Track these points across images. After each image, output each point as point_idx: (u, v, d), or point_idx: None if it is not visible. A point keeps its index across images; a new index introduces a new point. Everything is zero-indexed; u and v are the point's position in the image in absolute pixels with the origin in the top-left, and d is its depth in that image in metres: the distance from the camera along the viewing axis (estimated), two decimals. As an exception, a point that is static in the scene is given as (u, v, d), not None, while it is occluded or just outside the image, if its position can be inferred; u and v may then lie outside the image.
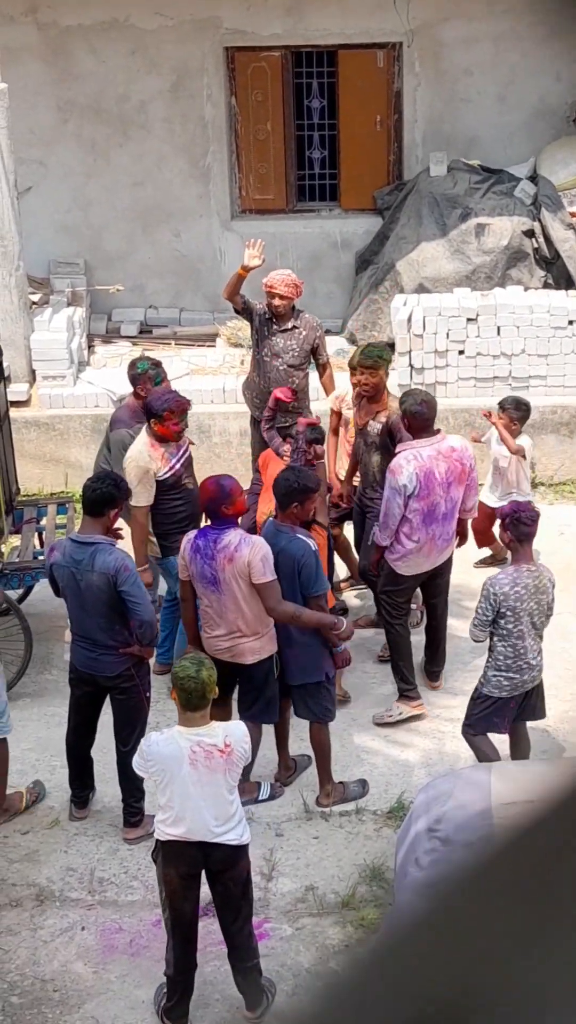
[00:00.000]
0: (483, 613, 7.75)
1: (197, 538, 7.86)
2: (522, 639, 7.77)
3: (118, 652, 7.77)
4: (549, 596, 7.82)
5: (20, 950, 7.33)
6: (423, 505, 8.70)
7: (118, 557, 7.65)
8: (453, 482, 8.77)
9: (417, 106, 14.53)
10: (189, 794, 6.37)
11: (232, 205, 14.84)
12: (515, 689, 7.90)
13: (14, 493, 10.51)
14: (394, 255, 13.98)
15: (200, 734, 6.38)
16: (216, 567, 7.73)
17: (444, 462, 8.73)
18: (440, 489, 8.72)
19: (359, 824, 8.21)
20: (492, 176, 14.17)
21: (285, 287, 10.43)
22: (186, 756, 6.35)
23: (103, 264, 14.66)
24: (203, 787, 6.36)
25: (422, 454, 8.70)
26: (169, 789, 6.41)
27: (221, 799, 6.41)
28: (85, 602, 7.70)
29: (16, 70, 13.39)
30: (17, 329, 12.64)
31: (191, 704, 6.37)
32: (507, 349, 12.52)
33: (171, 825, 6.45)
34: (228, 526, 7.78)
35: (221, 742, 6.39)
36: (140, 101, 14.47)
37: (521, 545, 7.76)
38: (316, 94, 14.72)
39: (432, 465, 8.69)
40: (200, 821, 6.39)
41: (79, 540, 7.73)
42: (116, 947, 7.35)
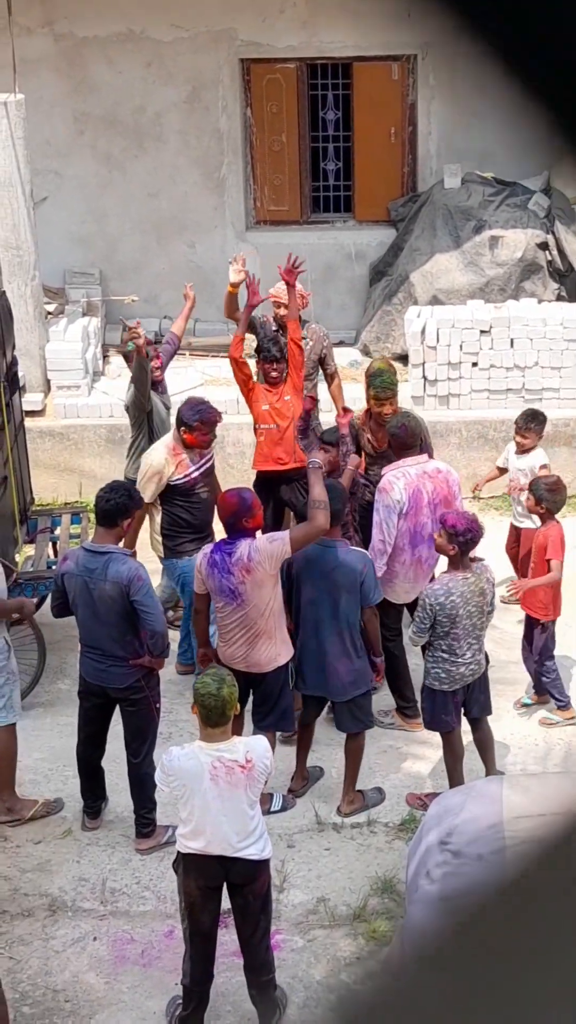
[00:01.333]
0: (421, 621, 8.02)
1: (213, 552, 7.86)
2: (457, 640, 8.00)
3: (128, 664, 7.78)
4: (488, 596, 8.07)
5: (32, 960, 7.34)
6: (410, 525, 8.67)
7: (131, 567, 7.66)
8: (439, 503, 8.72)
9: (432, 118, 14.56)
10: (210, 809, 6.36)
11: (247, 216, 14.88)
12: (454, 682, 8.09)
13: (28, 503, 10.54)
14: (408, 267, 14.00)
15: (221, 750, 6.37)
16: (235, 580, 7.75)
17: (430, 482, 8.73)
18: (427, 509, 8.70)
19: (371, 836, 8.22)
20: (506, 188, 14.19)
21: (301, 297, 10.45)
22: (207, 771, 6.34)
23: (118, 275, 14.70)
24: (224, 802, 6.35)
25: (410, 472, 8.71)
26: (190, 804, 6.40)
27: (242, 814, 6.40)
28: (97, 612, 7.70)
29: (33, 81, 13.44)
30: (32, 339, 12.68)
31: (211, 720, 6.35)
32: (520, 361, 12.53)
33: (192, 838, 6.44)
34: (240, 538, 7.80)
35: (242, 758, 6.37)
36: (155, 113, 14.52)
37: (463, 555, 7.95)
38: (331, 106, 14.76)
39: (419, 484, 8.69)
40: (220, 835, 6.39)
41: (93, 549, 7.74)
42: (128, 958, 7.36)
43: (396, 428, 8.83)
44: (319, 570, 8.00)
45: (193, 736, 8.45)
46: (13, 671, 8.34)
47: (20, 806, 8.38)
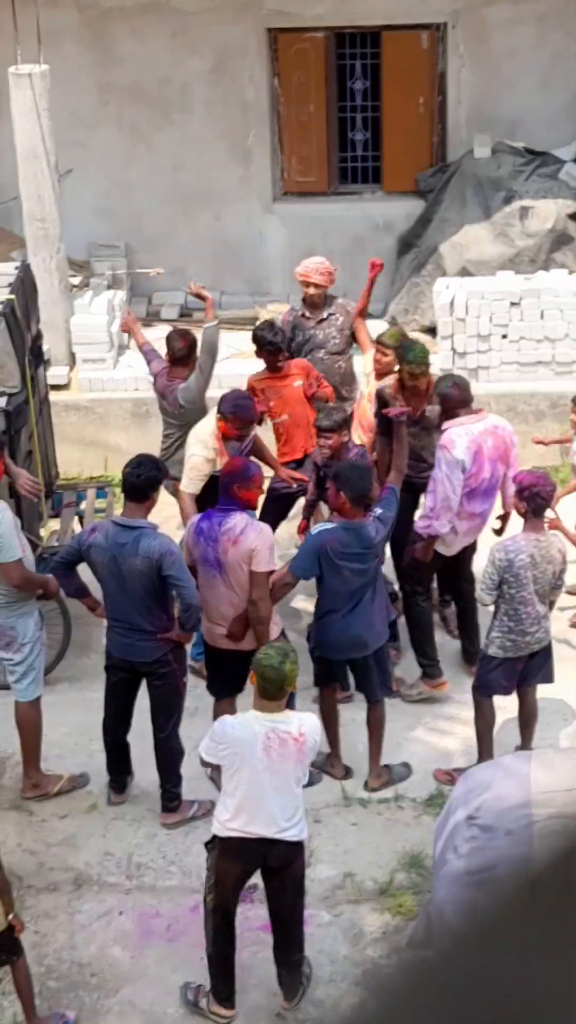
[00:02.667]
0: (489, 578, 7.93)
1: (201, 521, 7.83)
2: (524, 605, 7.91)
3: (156, 638, 7.74)
4: (557, 566, 7.97)
5: (58, 934, 7.34)
6: (471, 482, 8.63)
7: (163, 542, 7.62)
8: (498, 459, 8.74)
9: (461, 87, 14.41)
10: (259, 782, 6.31)
11: (274, 187, 14.77)
12: (518, 650, 8.03)
13: (53, 477, 10.51)
14: (437, 238, 13.88)
15: (276, 720, 6.34)
16: (219, 549, 7.69)
17: (491, 438, 8.71)
18: (488, 465, 8.70)
19: (398, 811, 8.17)
20: (537, 158, 14.04)
21: (319, 275, 10.36)
22: (260, 741, 6.30)
23: (144, 247, 14.62)
24: (273, 775, 6.31)
25: (472, 428, 8.65)
26: (238, 776, 6.34)
27: (289, 791, 6.37)
28: (125, 586, 7.65)
29: (57, 52, 13.35)
30: (57, 312, 12.62)
31: (268, 693, 6.32)
32: (550, 333, 12.41)
33: (233, 817, 6.37)
34: (234, 509, 7.74)
35: (296, 731, 6.34)
36: (181, 83, 14.41)
37: (534, 516, 7.90)
38: (359, 75, 14.62)
39: (481, 440, 8.66)
40: (266, 812, 6.34)
41: (123, 524, 7.67)
42: (153, 932, 7.35)
43: (448, 388, 8.75)
44: (355, 552, 7.92)
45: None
46: (44, 644, 8.34)
47: (46, 781, 8.37)
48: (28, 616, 8.12)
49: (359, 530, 7.92)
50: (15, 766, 8.54)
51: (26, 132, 12.27)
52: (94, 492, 10.60)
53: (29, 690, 8.22)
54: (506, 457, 8.79)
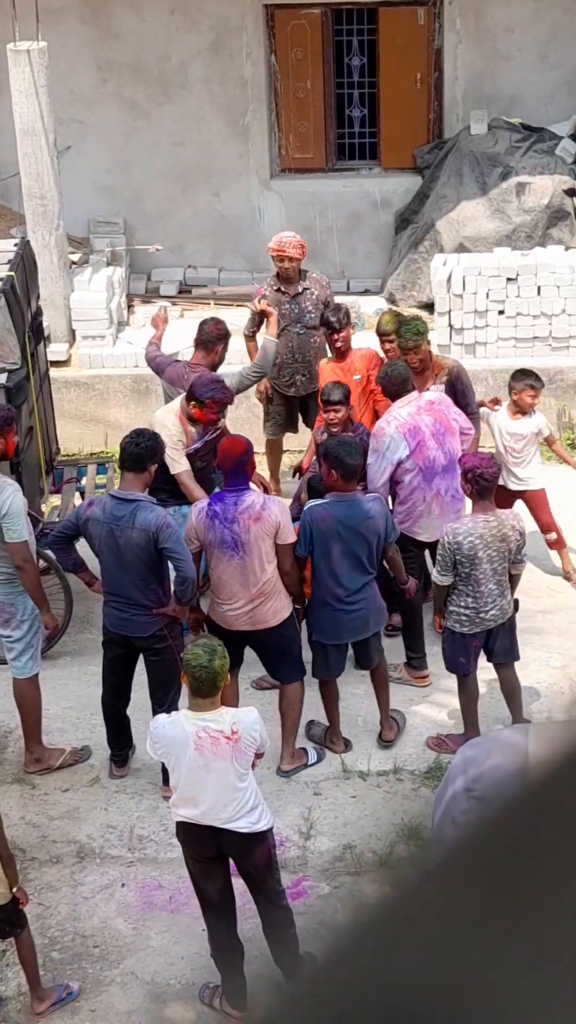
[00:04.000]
0: (442, 559, 8.06)
1: (212, 504, 7.83)
2: (479, 584, 8.02)
3: (152, 612, 7.79)
4: (512, 543, 8.05)
5: (61, 906, 7.41)
6: (418, 461, 8.69)
7: (159, 514, 7.67)
8: (445, 433, 8.79)
9: (458, 63, 14.41)
10: (196, 779, 6.28)
11: (271, 164, 14.78)
12: (474, 626, 8.13)
13: (54, 453, 10.55)
14: (434, 214, 13.90)
15: (206, 719, 6.26)
16: (239, 529, 7.72)
17: (428, 415, 8.76)
18: (432, 442, 8.73)
19: (397, 784, 8.25)
20: (533, 134, 14.06)
21: (293, 249, 10.45)
22: (191, 740, 6.25)
23: (142, 224, 14.64)
24: (210, 773, 6.25)
25: (401, 413, 8.73)
26: (176, 772, 6.35)
27: (229, 786, 6.29)
28: (123, 559, 7.70)
29: (56, 29, 13.35)
30: (57, 289, 12.66)
31: (201, 691, 6.26)
32: (547, 309, 12.45)
33: (181, 806, 6.39)
34: (244, 488, 7.79)
35: (228, 728, 6.26)
36: (180, 60, 14.41)
37: (480, 497, 7.99)
38: (356, 52, 14.62)
39: (414, 420, 8.71)
40: (207, 805, 6.30)
41: (120, 497, 7.73)
42: (155, 904, 7.42)
43: (381, 378, 8.97)
44: (350, 524, 7.97)
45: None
46: (40, 622, 8.39)
47: (48, 755, 8.44)
48: (27, 594, 8.18)
49: (352, 503, 7.97)
50: (17, 740, 8.61)
51: (25, 109, 12.28)
52: (94, 468, 10.64)
53: (27, 667, 8.28)
54: (452, 430, 8.83)
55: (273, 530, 7.76)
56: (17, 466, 8.96)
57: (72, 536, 7.96)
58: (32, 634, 8.24)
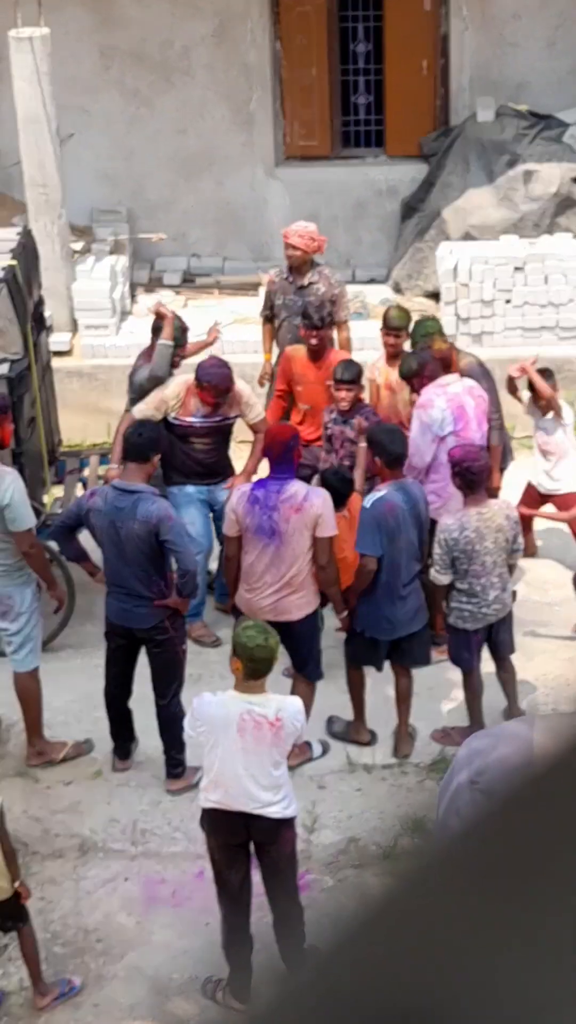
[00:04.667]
0: (440, 558, 7.97)
1: (254, 489, 7.81)
2: (478, 577, 7.97)
3: (153, 604, 7.74)
4: (507, 532, 8.02)
5: (63, 900, 7.38)
6: (462, 441, 8.61)
7: (161, 506, 7.63)
8: (482, 418, 8.82)
9: (464, 50, 14.32)
10: (234, 761, 6.29)
11: (276, 152, 14.70)
12: (476, 621, 8.08)
13: (56, 443, 10.50)
14: (440, 202, 13.82)
15: (253, 703, 6.30)
16: (279, 518, 7.66)
17: (471, 398, 8.73)
18: (475, 423, 8.76)
19: (401, 776, 8.20)
20: (540, 122, 13.97)
21: (298, 238, 10.34)
22: (235, 722, 6.27)
23: (146, 212, 14.56)
24: (248, 755, 6.28)
25: (450, 390, 8.68)
26: (214, 752, 6.35)
27: (265, 771, 6.34)
28: (124, 551, 7.67)
29: (58, 16, 13.26)
30: (59, 278, 12.58)
31: (258, 672, 6.29)
32: (555, 298, 12.37)
33: (211, 790, 6.38)
34: (288, 477, 7.74)
35: (272, 715, 6.30)
36: (183, 47, 14.33)
37: (472, 490, 7.94)
38: (362, 38, 14.53)
39: (463, 400, 8.68)
40: (240, 788, 6.31)
41: (122, 488, 7.69)
42: (158, 898, 7.39)
43: (423, 358, 8.87)
44: (409, 511, 7.94)
45: (223, 677, 8.45)
46: (41, 615, 8.35)
47: (50, 748, 8.40)
48: (26, 586, 8.13)
49: (406, 489, 7.99)
50: (19, 733, 8.56)
51: (27, 96, 12.21)
52: (97, 459, 10.58)
53: (27, 660, 8.23)
54: (484, 418, 8.88)
55: (312, 522, 7.69)
56: (19, 457, 8.92)
57: (74, 526, 7.94)
58: (31, 627, 8.19)
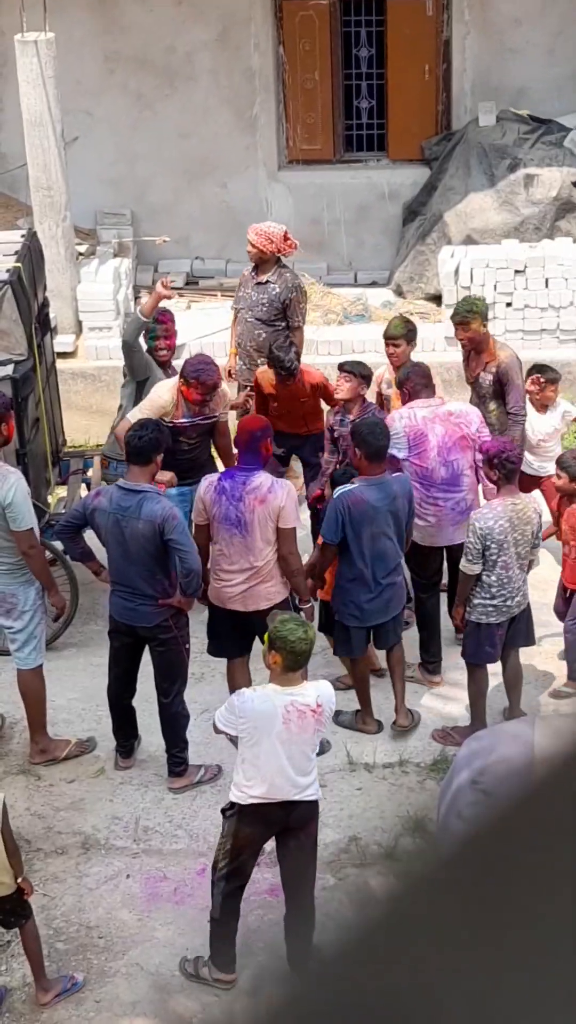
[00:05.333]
0: (472, 547, 8.03)
1: (222, 480, 7.91)
2: (507, 569, 8.04)
3: (157, 603, 7.79)
4: (533, 526, 8.12)
5: (66, 897, 7.41)
6: (416, 468, 8.66)
7: (165, 506, 7.68)
8: (453, 447, 8.70)
9: (466, 55, 14.39)
10: (277, 753, 6.38)
11: (279, 155, 14.76)
12: (500, 615, 8.14)
13: (60, 444, 10.54)
14: (442, 206, 13.88)
15: (294, 694, 6.40)
16: (244, 508, 7.78)
17: (441, 425, 8.69)
18: (434, 453, 8.67)
19: (402, 776, 8.24)
20: (541, 126, 14.03)
21: (255, 235, 10.48)
22: (280, 715, 6.36)
23: (149, 215, 14.63)
24: (290, 746, 6.39)
25: (416, 414, 8.71)
26: (257, 747, 6.40)
27: (304, 757, 6.46)
28: (128, 550, 7.72)
29: (63, 20, 13.33)
30: (64, 280, 12.64)
31: (298, 664, 6.40)
32: (555, 301, 12.43)
33: (254, 786, 6.43)
34: (256, 468, 7.85)
35: (314, 702, 6.41)
36: (187, 52, 14.39)
37: (506, 481, 8.03)
38: (364, 43, 14.59)
39: (426, 427, 8.66)
40: (284, 778, 6.41)
41: (127, 487, 7.74)
42: (160, 895, 7.42)
43: (406, 372, 8.93)
44: (382, 507, 8.05)
45: (224, 675, 8.51)
46: (45, 613, 8.39)
47: (53, 746, 8.43)
48: (30, 584, 8.17)
49: (380, 485, 8.05)
50: (23, 731, 8.60)
51: (32, 100, 12.27)
52: (100, 459, 10.62)
53: (30, 658, 8.27)
54: (464, 446, 8.70)
55: (276, 514, 7.80)
56: (23, 457, 8.96)
57: (79, 526, 7.99)
58: (35, 625, 8.23)
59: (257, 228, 10.56)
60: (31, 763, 8.41)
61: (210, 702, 8.33)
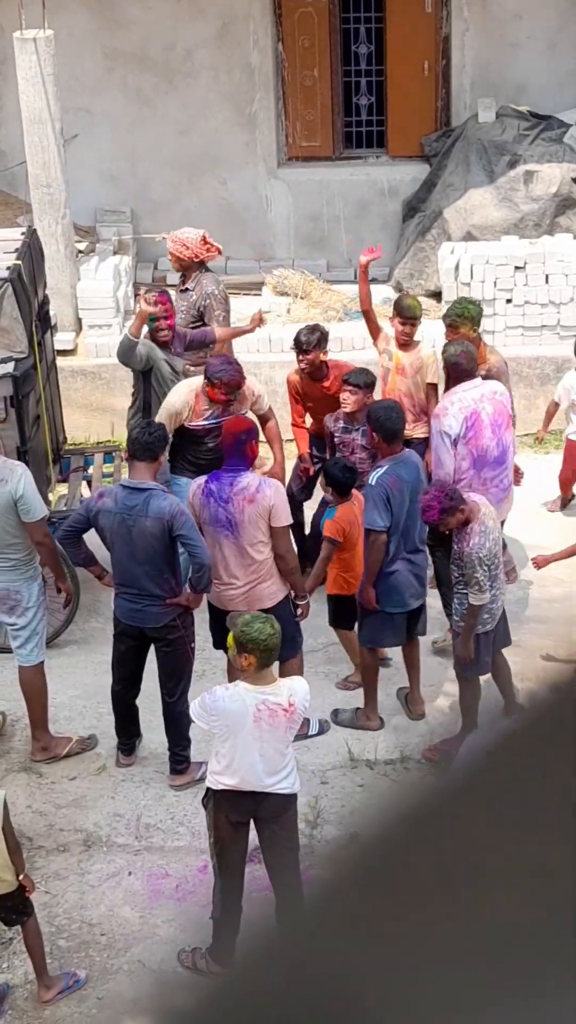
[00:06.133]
0: (482, 579, 7.74)
1: (209, 482, 7.86)
2: (496, 578, 7.96)
3: (165, 603, 7.78)
4: (499, 524, 8.15)
5: (68, 894, 7.42)
6: (471, 448, 8.65)
7: (173, 502, 7.66)
8: (502, 424, 8.77)
9: (465, 51, 14.38)
10: (248, 750, 6.39)
11: (279, 152, 14.76)
12: (492, 619, 8.06)
13: (61, 442, 10.55)
14: (441, 202, 13.88)
15: (266, 692, 6.39)
16: (233, 510, 7.75)
17: (490, 404, 8.72)
18: (489, 432, 8.70)
19: (404, 772, 8.24)
20: (541, 122, 14.03)
21: (170, 243, 10.40)
22: (251, 714, 6.36)
23: (149, 212, 14.62)
24: (263, 744, 6.39)
25: (466, 396, 8.68)
26: (229, 743, 6.41)
27: (277, 754, 6.46)
28: (135, 549, 7.68)
29: (62, 17, 13.32)
30: (63, 278, 12.64)
31: (270, 661, 6.40)
32: (555, 297, 12.43)
33: (225, 775, 6.47)
34: (242, 469, 7.82)
35: (285, 701, 6.41)
36: (186, 49, 14.39)
37: (468, 511, 7.78)
38: (363, 39, 14.59)
39: (478, 407, 8.67)
40: (253, 774, 6.43)
41: (132, 486, 7.71)
42: (162, 892, 7.42)
43: (456, 356, 8.78)
44: (412, 483, 8.14)
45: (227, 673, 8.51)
46: (47, 609, 8.40)
47: (55, 744, 8.44)
48: (33, 580, 8.18)
49: (406, 462, 8.16)
50: (24, 729, 8.61)
51: (31, 97, 12.26)
52: (101, 457, 10.64)
53: (33, 655, 8.28)
54: (509, 423, 8.85)
55: (267, 512, 7.78)
56: (24, 454, 8.96)
57: (82, 529, 7.92)
58: (37, 621, 8.24)
59: (173, 235, 10.44)
60: (33, 761, 8.42)
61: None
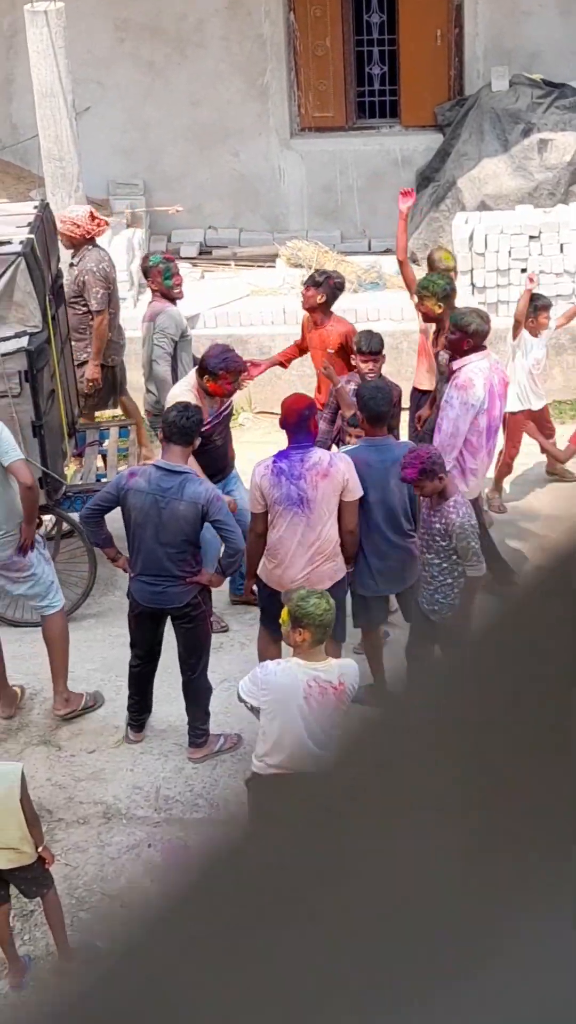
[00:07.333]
0: (476, 548, 7.65)
1: (277, 461, 7.72)
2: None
3: (185, 582, 7.74)
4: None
5: (88, 866, 7.44)
6: (487, 420, 8.63)
7: (209, 487, 7.63)
8: (502, 395, 8.85)
9: (478, 19, 14.29)
10: (297, 727, 6.38)
11: (291, 123, 14.70)
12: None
13: (76, 416, 10.54)
14: (455, 172, 13.82)
15: (318, 669, 6.38)
16: (306, 486, 7.63)
17: (496, 375, 8.73)
18: (499, 402, 8.78)
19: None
20: (555, 90, 13.95)
21: (60, 223, 10.39)
22: (302, 689, 6.34)
23: (162, 185, 14.58)
24: (311, 722, 6.38)
25: (483, 366, 8.65)
26: (278, 720, 6.41)
27: (323, 733, 6.43)
28: (163, 531, 7.60)
29: (72, -11, 13.26)
30: (77, 251, 12.60)
31: (325, 636, 6.39)
32: (570, 267, 12.37)
33: (272, 755, 6.45)
34: (308, 445, 7.74)
35: (336, 679, 6.38)
36: (197, 19, 14.32)
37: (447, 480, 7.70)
38: (376, 8, 14.50)
39: (491, 377, 8.67)
40: (304, 752, 6.40)
41: (167, 468, 7.63)
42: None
43: (484, 325, 8.70)
44: (381, 470, 7.94)
45: (243, 645, 8.53)
46: (48, 559, 8.47)
47: (76, 698, 8.52)
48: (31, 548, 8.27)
49: (381, 447, 7.98)
50: (43, 702, 8.64)
51: (42, 70, 12.20)
52: (116, 431, 10.63)
53: (55, 601, 8.38)
54: (504, 393, 8.91)
55: (340, 487, 7.69)
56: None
57: (109, 508, 7.85)
58: (45, 574, 8.34)
59: (62, 215, 10.53)
60: (55, 714, 8.46)
61: (229, 672, 8.35)
